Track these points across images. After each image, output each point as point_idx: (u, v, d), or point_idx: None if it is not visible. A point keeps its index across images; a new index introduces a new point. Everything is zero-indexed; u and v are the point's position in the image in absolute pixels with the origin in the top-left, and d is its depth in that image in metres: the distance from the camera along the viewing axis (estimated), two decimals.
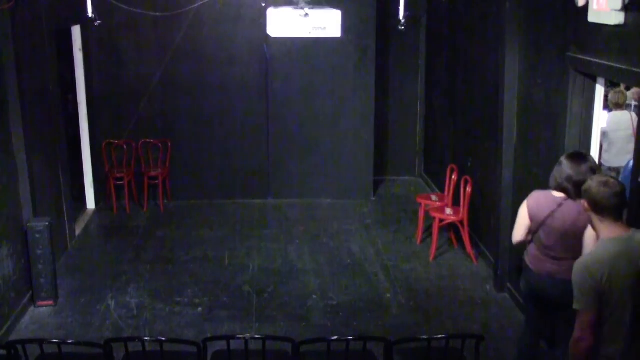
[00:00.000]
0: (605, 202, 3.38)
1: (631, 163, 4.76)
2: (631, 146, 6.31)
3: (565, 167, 4.32)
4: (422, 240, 7.85)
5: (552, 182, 4.41)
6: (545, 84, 5.71)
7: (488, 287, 6.76)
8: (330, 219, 8.69)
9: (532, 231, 4.48)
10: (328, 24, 6.21)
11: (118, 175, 8.84)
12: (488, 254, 7.19)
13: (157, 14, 8.56)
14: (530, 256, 4.54)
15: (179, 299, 6.47)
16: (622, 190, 3.41)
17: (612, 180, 3.44)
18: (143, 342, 4.18)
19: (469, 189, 7.17)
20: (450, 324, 6.05)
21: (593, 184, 3.44)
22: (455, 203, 7.60)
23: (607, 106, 7.26)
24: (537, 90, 5.86)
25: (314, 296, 6.57)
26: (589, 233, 4.00)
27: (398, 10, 7.07)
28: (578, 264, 3.41)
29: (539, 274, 4.46)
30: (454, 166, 7.85)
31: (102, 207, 8.98)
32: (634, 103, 8.10)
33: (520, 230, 4.54)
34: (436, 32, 9.52)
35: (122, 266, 7.21)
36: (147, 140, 9.03)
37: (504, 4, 6.16)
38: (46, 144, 7.06)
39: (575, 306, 3.37)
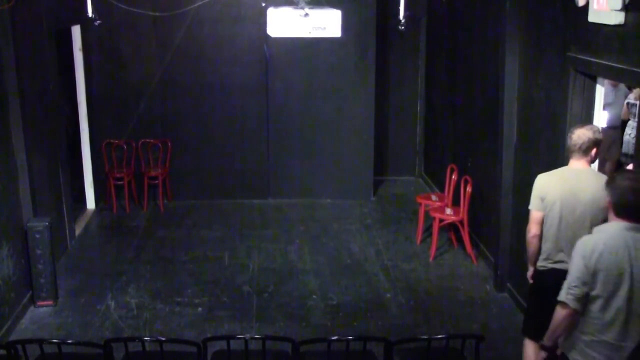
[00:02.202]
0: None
1: None
2: None
3: None
4: (422, 240, 7.85)
5: None
6: (545, 84, 5.71)
7: (488, 287, 6.76)
8: (330, 219, 8.69)
9: None
10: (328, 24, 6.22)
11: (118, 175, 8.84)
12: (488, 254, 7.19)
13: (157, 14, 8.56)
14: None
15: (179, 299, 6.47)
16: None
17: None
18: (143, 342, 4.18)
19: (469, 189, 7.17)
20: (450, 324, 6.05)
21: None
22: (455, 203, 7.60)
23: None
24: (537, 90, 5.86)
25: (314, 296, 6.57)
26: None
27: (398, 10, 7.07)
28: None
29: None
30: (454, 166, 7.85)
31: (102, 207, 8.98)
32: (638, 102, 8.09)
33: None
34: (436, 32, 9.52)
35: (122, 266, 7.21)
36: (147, 140, 9.03)
37: (504, 4, 6.17)
38: (46, 144, 7.06)
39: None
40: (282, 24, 6.21)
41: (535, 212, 4.52)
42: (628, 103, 8.23)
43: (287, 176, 9.40)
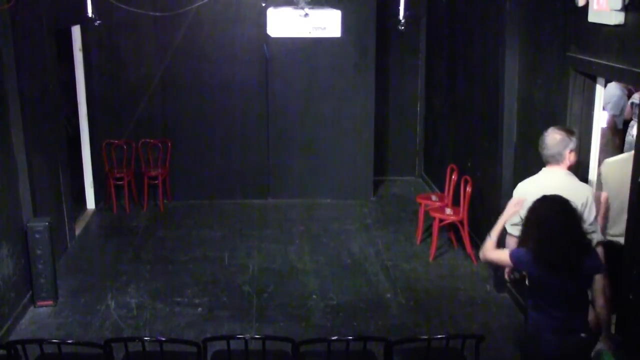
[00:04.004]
0: None
1: None
2: None
3: None
4: (422, 240, 7.85)
5: None
6: (545, 84, 5.71)
7: (488, 287, 6.76)
8: (330, 219, 8.69)
9: None
10: (328, 24, 6.20)
11: (118, 175, 8.84)
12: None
13: (157, 14, 8.55)
14: None
15: (179, 299, 6.47)
16: None
17: None
18: (143, 342, 4.19)
19: (469, 189, 7.17)
20: (450, 324, 6.05)
21: None
22: (455, 203, 7.60)
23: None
24: (537, 90, 5.86)
25: (314, 296, 6.57)
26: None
27: (398, 10, 7.07)
28: None
29: None
30: (454, 166, 7.85)
31: (102, 207, 8.99)
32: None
33: None
34: (436, 32, 9.52)
35: (122, 266, 7.21)
36: (147, 140, 9.03)
37: (504, 4, 6.17)
38: (46, 144, 7.06)
39: None
40: (282, 24, 6.20)
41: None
42: (632, 103, 8.21)
43: (287, 176, 9.40)
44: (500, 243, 4.28)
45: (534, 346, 3.96)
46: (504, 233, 4.40)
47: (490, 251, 4.17)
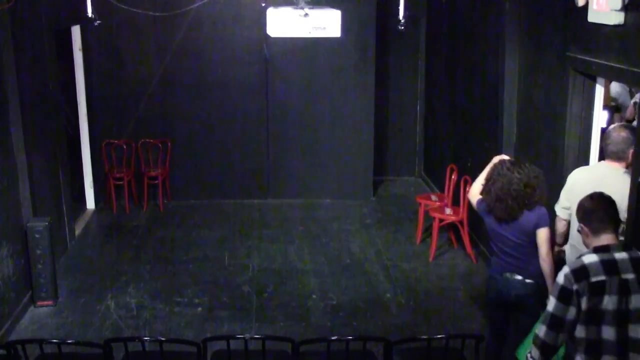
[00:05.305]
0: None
1: None
2: None
3: None
4: (422, 240, 7.85)
5: None
6: (545, 84, 5.71)
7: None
8: (330, 219, 8.69)
9: None
10: (328, 24, 6.21)
11: (118, 175, 8.84)
12: (488, 253, 7.19)
13: (157, 14, 8.56)
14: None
15: (179, 299, 6.47)
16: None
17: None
18: (143, 342, 4.19)
19: (468, 189, 7.15)
20: (450, 324, 6.05)
21: None
22: (455, 203, 7.60)
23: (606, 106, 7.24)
24: (537, 90, 5.87)
25: (314, 296, 6.57)
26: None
27: (398, 10, 7.08)
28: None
29: None
30: (454, 166, 7.85)
31: (102, 207, 8.99)
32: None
33: None
34: (436, 32, 9.52)
35: (122, 266, 7.21)
36: (147, 140, 9.03)
37: (504, 4, 6.17)
38: (46, 144, 7.06)
39: None
40: (282, 24, 6.21)
41: None
42: (635, 103, 8.20)
43: (287, 176, 9.40)
44: None
45: (488, 285, 4.63)
46: None
47: (474, 195, 4.61)
